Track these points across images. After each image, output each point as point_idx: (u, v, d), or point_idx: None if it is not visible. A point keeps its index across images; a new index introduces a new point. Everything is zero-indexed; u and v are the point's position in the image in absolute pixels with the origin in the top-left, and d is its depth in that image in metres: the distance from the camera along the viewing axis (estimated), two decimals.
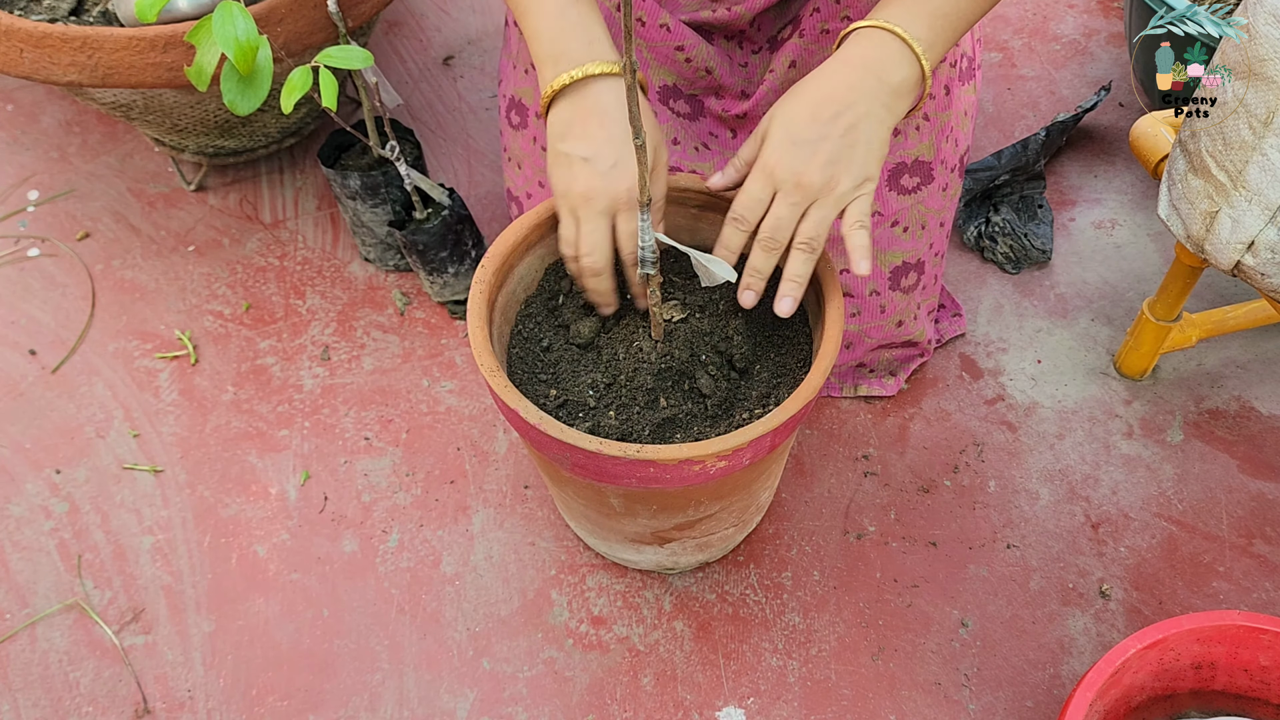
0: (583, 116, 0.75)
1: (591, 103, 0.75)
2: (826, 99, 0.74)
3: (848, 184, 0.73)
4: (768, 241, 0.75)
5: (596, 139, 0.74)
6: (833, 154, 0.73)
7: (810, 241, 0.74)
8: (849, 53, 0.75)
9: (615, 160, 0.74)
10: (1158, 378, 1.13)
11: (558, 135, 0.76)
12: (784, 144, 0.74)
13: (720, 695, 0.92)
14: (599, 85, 0.75)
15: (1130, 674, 0.80)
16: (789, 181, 0.73)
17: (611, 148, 0.74)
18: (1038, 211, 1.26)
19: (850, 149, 0.73)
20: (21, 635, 0.97)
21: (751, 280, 0.76)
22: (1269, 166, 0.79)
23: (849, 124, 0.73)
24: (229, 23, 0.72)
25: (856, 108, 0.73)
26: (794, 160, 0.73)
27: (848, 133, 0.73)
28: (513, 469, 1.07)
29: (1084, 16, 1.54)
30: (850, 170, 0.73)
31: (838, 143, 0.73)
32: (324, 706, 0.92)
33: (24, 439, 1.10)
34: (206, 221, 1.30)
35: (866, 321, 1.03)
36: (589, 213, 0.75)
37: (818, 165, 0.73)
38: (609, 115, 0.75)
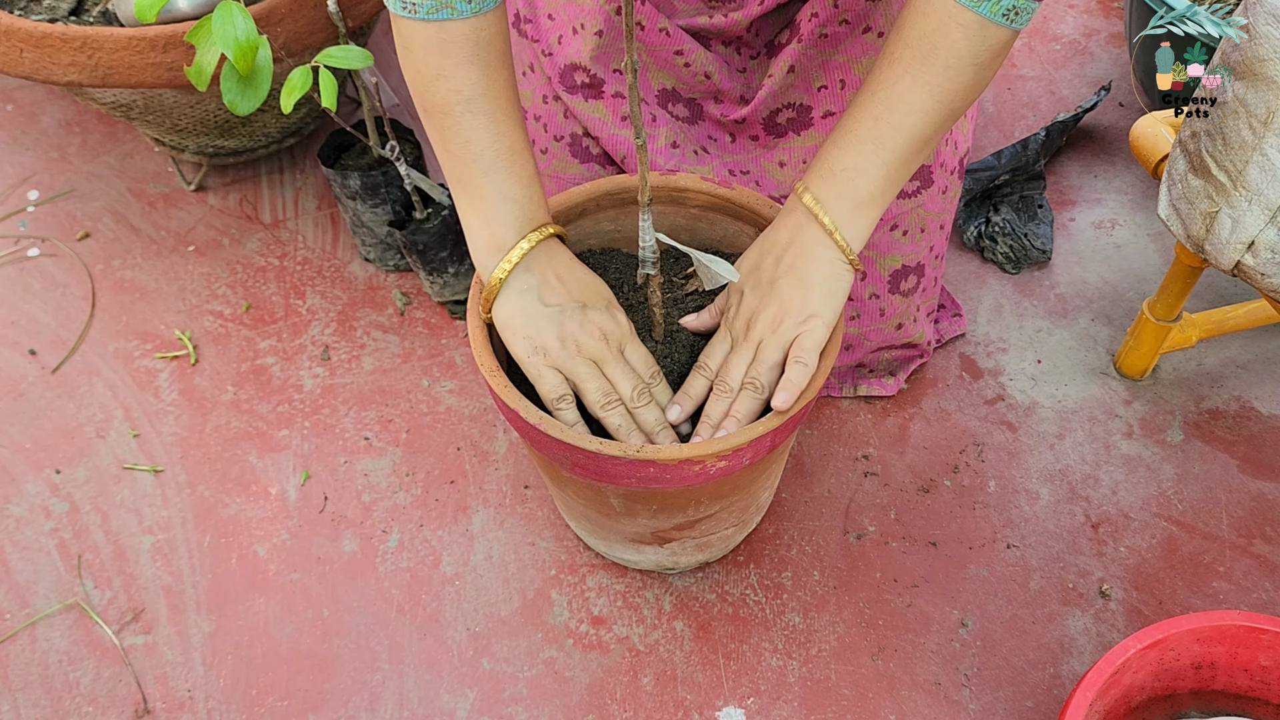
0: (542, 283, 0.77)
1: (548, 265, 0.77)
2: (769, 244, 0.77)
3: (790, 323, 0.75)
4: (720, 385, 0.77)
5: (575, 289, 0.77)
6: (778, 293, 0.75)
7: (754, 381, 0.75)
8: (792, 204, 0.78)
9: (607, 301, 0.78)
10: (1158, 378, 1.13)
11: (536, 299, 0.76)
12: (736, 296, 0.78)
13: (720, 695, 0.92)
14: (547, 249, 0.77)
15: (1130, 674, 0.80)
16: (740, 331, 0.77)
17: (597, 290, 0.79)
18: (1038, 211, 1.26)
19: (792, 288, 0.75)
20: (21, 635, 0.97)
21: (701, 428, 0.77)
22: (1269, 166, 0.79)
23: (788, 265, 0.75)
24: (229, 23, 0.73)
25: (794, 246, 0.76)
26: (744, 310, 0.77)
27: (788, 273, 0.75)
28: (513, 469, 1.07)
29: (1084, 16, 1.54)
30: (791, 310, 0.75)
31: (780, 284, 0.75)
32: (324, 706, 0.92)
33: (24, 439, 1.10)
34: (206, 221, 1.30)
35: (866, 324, 1.03)
36: (610, 353, 0.77)
37: (764, 307, 0.76)
38: (568, 267, 0.78)
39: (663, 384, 0.79)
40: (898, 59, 0.71)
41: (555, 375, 0.76)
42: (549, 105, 1.01)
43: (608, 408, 0.76)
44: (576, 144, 1.01)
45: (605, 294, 0.79)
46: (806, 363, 0.74)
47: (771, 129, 0.97)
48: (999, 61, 0.71)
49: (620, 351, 0.77)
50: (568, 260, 0.78)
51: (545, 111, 1.01)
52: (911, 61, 0.71)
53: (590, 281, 0.79)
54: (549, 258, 0.77)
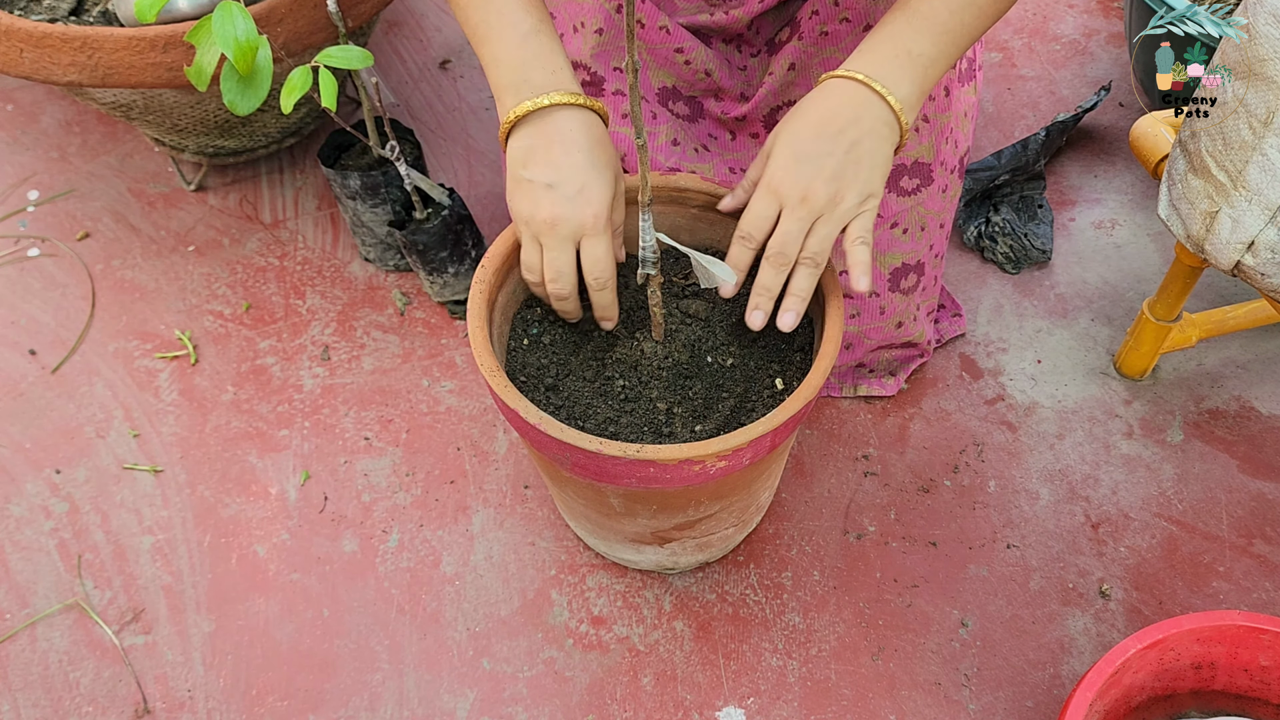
0: (545, 144, 0.74)
1: (554, 130, 0.74)
2: (831, 116, 0.74)
3: (852, 200, 0.74)
4: (776, 258, 0.75)
5: (561, 165, 0.74)
6: (837, 170, 0.73)
7: (815, 256, 0.74)
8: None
9: (581, 186, 0.74)
10: (1158, 378, 1.13)
11: (519, 162, 0.75)
12: (789, 161, 0.74)
13: (720, 695, 0.92)
14: (562, 113, 0.75)
15: (1130, 674, 0.80)
16: (794, 197, 0.74)
17: (576, 174, 0.74)
18: (1038, 211, 1.26)
19: (855, 165, 0.74)
20: (21, 635, 0.97)
21: (760, 300, 0.76)
22: (1269, 166, 0.79)
23: (853, 140, 0.73)
24: (229, 23, 0.72)
25: (860, 124, 0.74)
26: (799, 176, 0.73)
27: (851, 149, 0.73)
28: (513, 469, 1.07)
29: (1084, 16, 1.54)
30: (854, 186, 0.74)
31: (842, 159, 0.73)
32: (324, 706, 0.92)
33: (24, 439, 1.10)
34: (206, 221, 1.30)
35: (866, 323, 1.03)
36: (554, 239, 0.75)
37: (822, 181, 0.73)
38: (573, 142, 0.74)
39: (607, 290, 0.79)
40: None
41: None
42: None
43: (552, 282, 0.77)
44: None
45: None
46: (869, 242, 0.74)
47: (772, 126, 0.97)
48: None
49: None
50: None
51: None
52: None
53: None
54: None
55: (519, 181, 0.75)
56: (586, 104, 0.75)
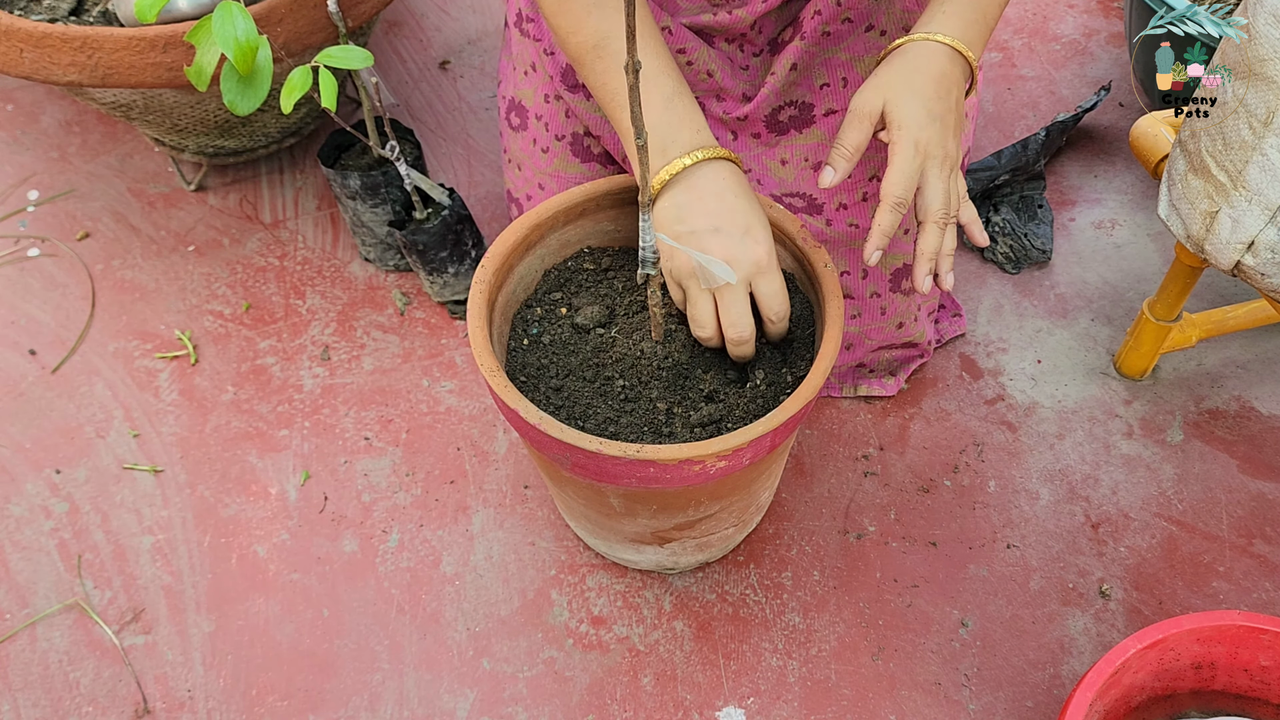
0: (700, 196, 0.76)
1: (704, 183, 0.77)
2: (942, 76, 0.77)
3: (957, 156, 0.77)
4: (943, 219, 0.76)
5: (719, 212, 0.76)
6: (956, 125, 0.77)
7: (955, 216, 0.77)
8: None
9: (746, 227, 0.76)
10: (1158, 378, 1.13)
11: (675, 219, 0.77)
12: (924, 118, 0.75)
13: (720, 695, 0.92)
14: (708, 167, 0.77)
15: (1130, 674, 0.80)
16: (938, 154, 0.75)
17: (739, 216, 0.76)
18: (1038, 211, 1.26)
19: (960, 122, 0.78)
20: (21, 635, 0.97)
21: (930, 264, 0.76)
22: (1269, 166, 0.79)
23: (957, 99, 0.78)
24: (229, 23, 0.72)
25: (959, 84, 0.78)
26: (935, 133, 0.75)
27: (957, 106, 0.78)
28: (513, 469, 1.07)
29: (1084, 16, 1.54)
30: (960, 142, 0.78)
31: (954, 115, 0.77)
32: (324, 706, 0.92)
33: (24, 439, 1.10)
34: (206, 221, 1.30)
35: (867, 323, 1.03)
36: (732, 285, 0.76)
37: (951, 136, 0.76)
38: (727, 189, 0.77)
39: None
40: None
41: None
42: (551, 104, 1.01)
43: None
44: (578, 143, 1.01)
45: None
46: (968, 199, 0.79)
47: (774, 127, 0.97)
48: None
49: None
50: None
51: (547, 111, 1.01)
52: None
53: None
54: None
55: (679, 237, 0.76)
56: (729, 156, 0.78)
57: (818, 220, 0.98)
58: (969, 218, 0.78)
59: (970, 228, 0.79)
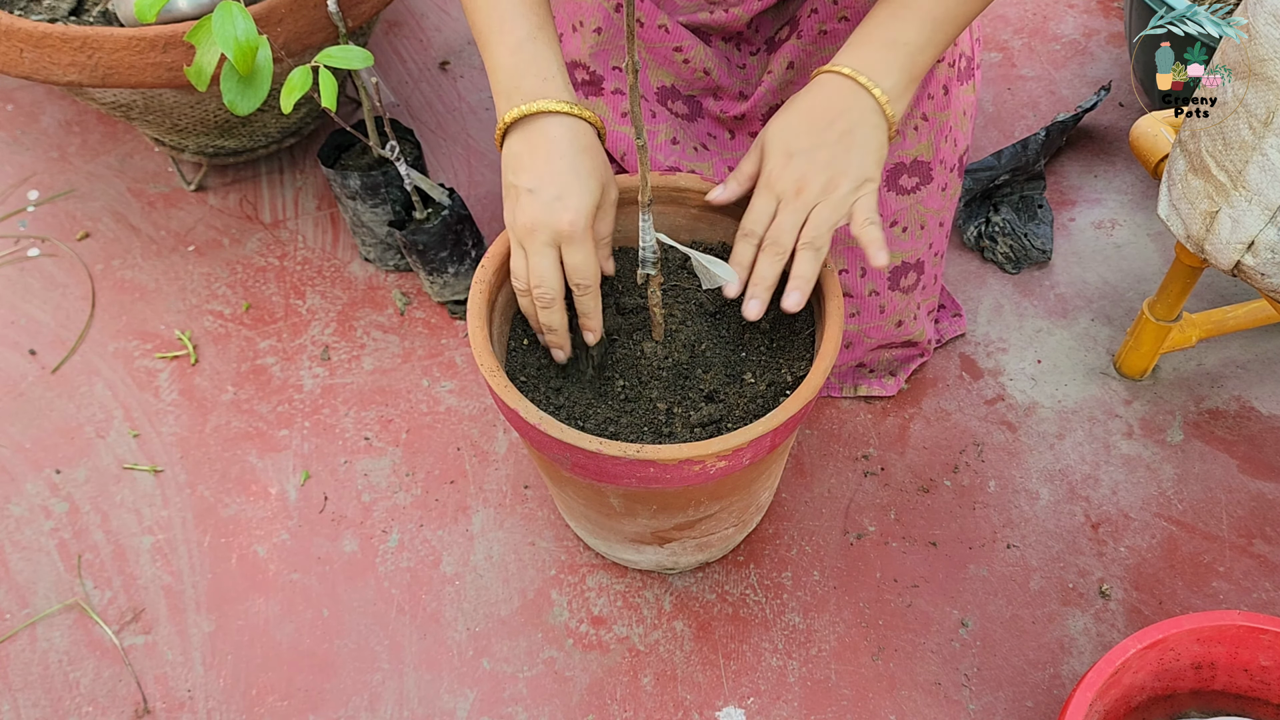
0: (531, 149, 0.75)
1: (540, 137, 0.75)
2: (820, 109, 0.76)
3: (847, 186, 0.75)
4: (771, 248, 0.76)
5: (542, 171, 0.75)
6: (829, 159, 0.75)
7: (814, 241, 0.75)
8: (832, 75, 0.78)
9: (559, 192, 0.74)
10: (1158, 378, 1.13)
11: (509, 168, 0.76)
12: (782, 157, 0.76)
13: (720, 695, 0.92)
14: (550, 120, 0.75)
15: (1130, 674, 0.80)
16: (790, 191, 0.75)
17: (556, 179, 0.74)
18: (1038, 211, 1.26)
19: (846, 152, 0.75)
20: (21, 635, 0.97)
21: (756, 290, 0.77)
22: (1269, 166, 0.79)
23: (842, 130, 0.75)
24: (229, 23, 0.72)
25: (849, 114, 0.75)
26: (793, 170, 0.75)
27: (843, 138, 0.75)
28: (513, 469, 1.07)
29: (1084, 16, 1.54)
30: (848, 172, 0.75)
31: (834, 148, 0.75)
32: (324, 706, 0.92)
33: (24, 439, 1.10)
34: (206, 221, 1.30)
35: (866, 321, 1.03)
36: (533, 244, 0.75)
37: (816, 171, 0.75)
38: (556, 149, 0.75)
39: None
40: None
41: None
42: None
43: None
44: None
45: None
46: (876, 222, 0.76)
47: None
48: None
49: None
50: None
51: None
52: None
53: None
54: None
55: (507, 187, 0.76)
56: (576, 112, 0.76)
57: None
58: (867, 239, 0.75)
59: (868, 249, 0.76)
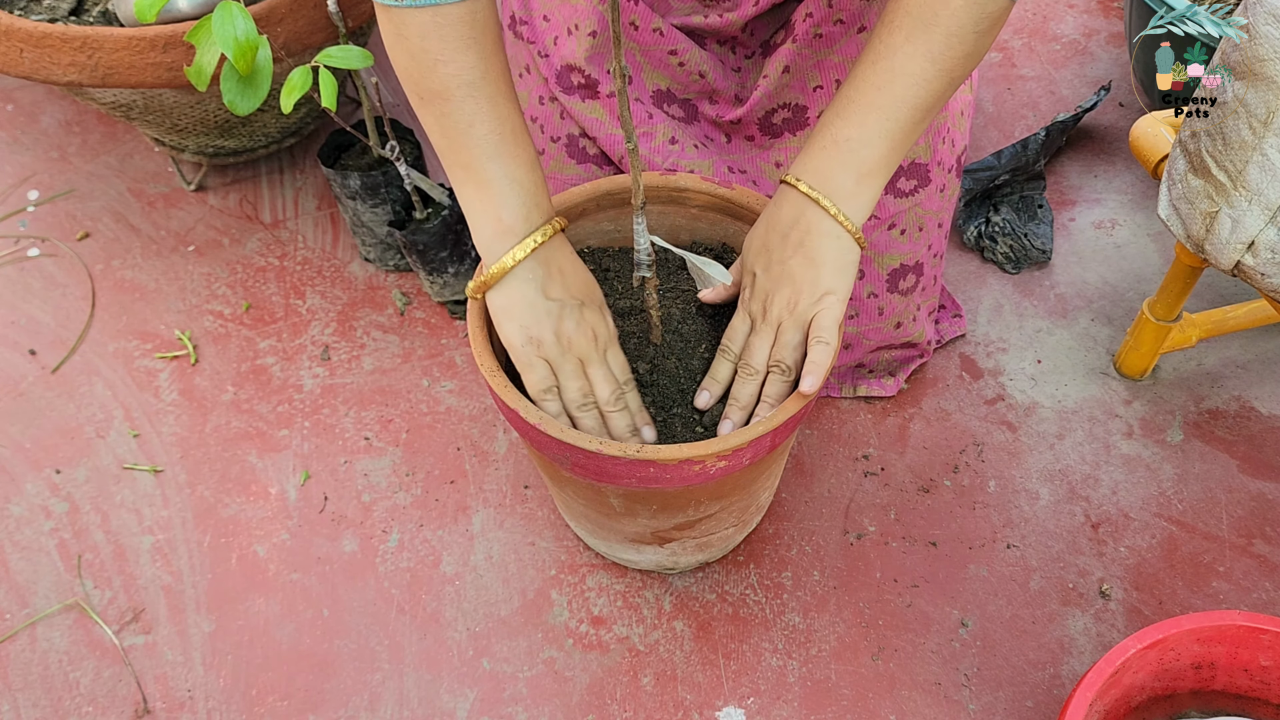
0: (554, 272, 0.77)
1: (558, 258, 0.77)
2: (773, 223, 0.76)
3: (807, 300, 0.75)
4: (744, 369, 0.78)
5: (577, 286, 0.77)
6: (785, 275, 0.75)
7: (779, 364, 0.76)
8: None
9: (600, 301, 0.79)
10: (1158, 378, 1.13)
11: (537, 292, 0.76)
12: (749, 278, 0.78)
13: (720, 695, 0.92)
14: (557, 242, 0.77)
15: (1130, 674, 0.80)
16: (758, 312, 0.77)
17: (592, 291, 0.78)
18: (1038, 211, 1.26)
19: (804, 267, 0.75)
20: (21, 635, 0.97)
21: (730, 410, 0.78)
22: (1269, 166, 0.79)
23: (796, 242, 0.75)
24: (229, 23, 0.73)
25: (799, 225, 0.75)
26: (758, 290, 0.77)
27: (797, 252, 0.75)
28: (513, 469, 1.07)
29: (1084, 16, 1.54)
30: (804, 288, 0.75)
31: (790, 263, 0.75)
32: (324, 706, 0.92)
33: (24, 439, 1.10)
34: (206, 221, 1.30)
35: (865, 323, 1.03)
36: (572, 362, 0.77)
37: (776, 288, 0.76)
38: (575, 264, 0.78)
39: (633, 391, 0.79)
40: (898, 27, 0.71)
41: (545, 367, 0.76)
42: (545, 106, 1.01)
43: (583, 408, 0.76)
44: (573, 144, 1.01)
45: (598, 294, 0.79)
46: (828, 341, 0.74)
47: (767, 129, 0.97)
48: (997, 29, 0.71)
49: (604, 354, 0.77)
50: (570, 255, 0.78)
51: (542, 113, 1.01)
52: (913, 29, 0.70)
53: (588, 279, 0.79)
54: (555, 250, 0.76)
55: (543, 311, 0.76)
56: (561, 227, 0.77)
57: None
58: (809, 360, 0.74)
59: (804, 368, 0.74)
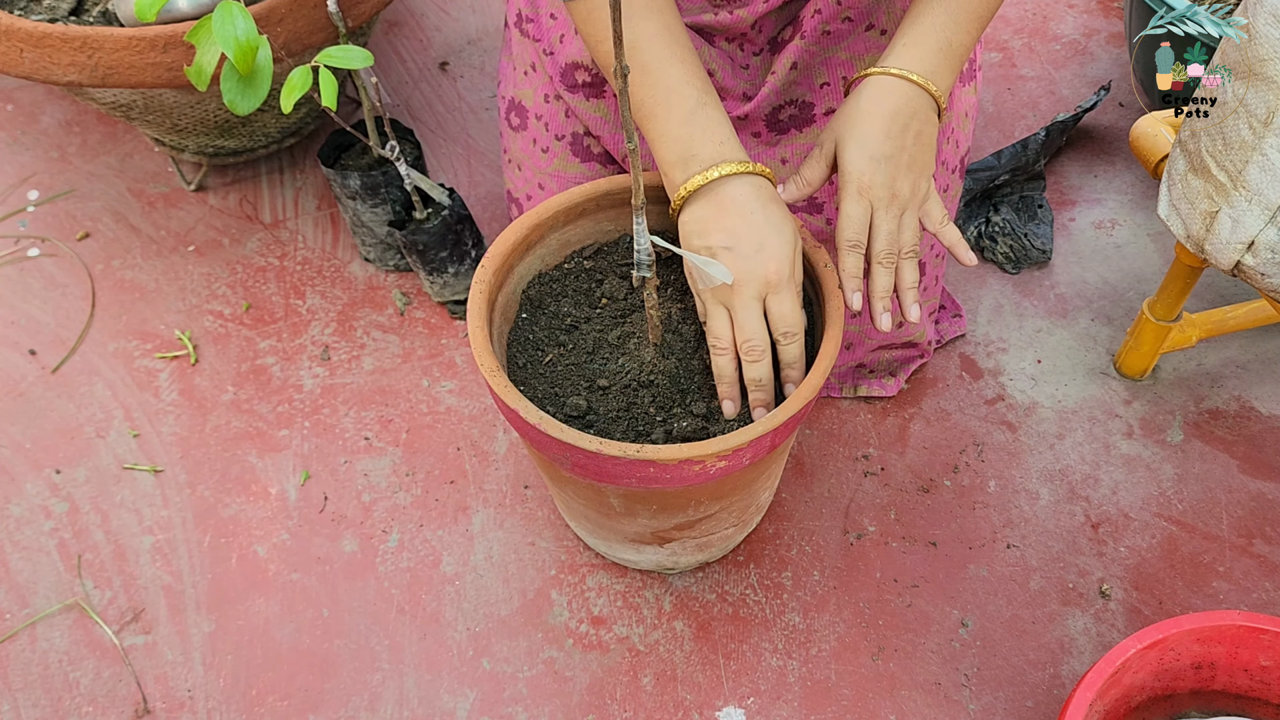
0: (717, 213, 0.76)
1: (725, 198, 0.76)
2: (894, 113, 0.77)
3: (925, 185, 0.79)
4: (888, 259, 0.78)
5: (737, 228, 0.76)
6: (910, 161, 0.78)
7: (914, 248, 0.78)
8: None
9: (759, 244, 0.76)
10: (1158, 378, 1.13)
11: (695, 233, 0.77)
12: (867, 163, 0.77)
13: (720, 695, 0.92)
14: (732, 182, 0.77)
15: (1130, 674, 0.80)
16: (884, 197, 0.77)
17: (753, 234, 0.76)
18: (1038, 211, 1.26)
19: (922, 153, 0.78)
20: (21, 635, 0.97)
21: (885, 301, 0.78)
22: (1269, 166, 0.79)
23: (916, 132, 0.78)
24: (229, 23, 0.72)
25: (920, 115, 0.78)
26: (882, 175, 0.77)
27: (916, 139, 0.78)
28: (513, 469, 1.07)
29: (1084, 16, 1.54)
30: (925, 172, 0.79)
31: (912, 151, 0.78)
32: (324, 706, 0.92)
33: (24, 439, 1.10)
34: (206, 221, 1.30)
35: (866, 322, 1.03)
36: (741, 299, 0.76)
37: (903, 174, 0.77)
38: (746, 206, 0.76)
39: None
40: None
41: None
42: (550, 104, 1.01)
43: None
44: (578, 143, 1.01)
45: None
46: (949, 220, 0.80)
47: (774, 126, 0.97)
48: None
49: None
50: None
51: (547, 110, 1.01)
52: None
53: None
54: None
55: (698, 251, 0.77)
56: (754, 170, 0.77)
57: (818, 220, 0.98)
58: (951, 240, 0.80)
59: (956, 250, 0.80)
